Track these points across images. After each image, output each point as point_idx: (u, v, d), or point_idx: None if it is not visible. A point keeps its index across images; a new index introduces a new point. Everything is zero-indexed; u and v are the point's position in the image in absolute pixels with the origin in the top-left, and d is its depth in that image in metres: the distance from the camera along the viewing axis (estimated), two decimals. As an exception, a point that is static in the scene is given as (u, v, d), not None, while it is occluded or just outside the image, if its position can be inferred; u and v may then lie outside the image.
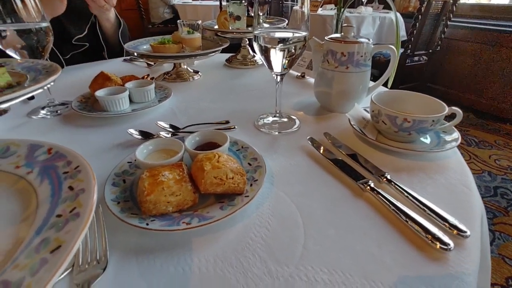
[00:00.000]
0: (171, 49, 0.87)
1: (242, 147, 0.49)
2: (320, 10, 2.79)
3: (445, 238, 0.33)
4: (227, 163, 0.38)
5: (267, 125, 0.62)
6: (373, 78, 0.68)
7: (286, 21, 0.62)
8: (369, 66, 0.64)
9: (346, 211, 0.39)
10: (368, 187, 0.41)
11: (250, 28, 1.01)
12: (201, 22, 0.91)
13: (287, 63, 0.54)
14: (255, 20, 0.53)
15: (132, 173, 0.43)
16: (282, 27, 0.59)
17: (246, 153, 0.47)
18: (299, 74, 0.93)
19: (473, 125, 2.48)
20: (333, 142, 0.54)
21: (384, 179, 0.43)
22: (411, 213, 0.36)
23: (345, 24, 0.64)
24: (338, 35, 0.65)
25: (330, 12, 2.67)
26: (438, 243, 0.32)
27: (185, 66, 0.95)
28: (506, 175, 1.81)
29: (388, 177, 0.43)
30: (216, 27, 1.05)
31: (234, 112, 0.68)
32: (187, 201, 0.36)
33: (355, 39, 0.61)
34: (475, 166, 1.89)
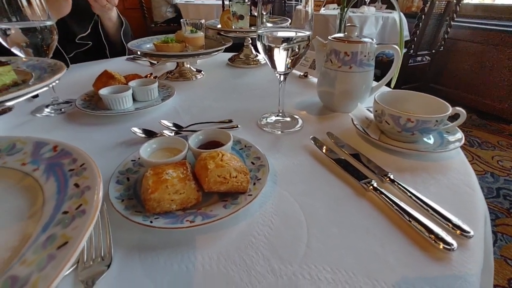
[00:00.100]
0: (174, 48, 0.87)
1: (245, 146, 0.49)
2: (323, 10, 2.78)
3: (448, 238, 0.33)
4: (231, 162, 0.38)
5: (270, 124, 0.62)
6: (375, 78, 0.68)
7: (289, 21, 0.62)
8: (373, 66, 0.64)
9: (349, 210, 0.39)
10: (371, 187, 0.41)
11: (253, 28, 1.01)
12: (204, 21, 0.91)
13: (291, 63, 0.54)
14: (259, 20, 0.53)
15: (136, 171, 0.43)
16: (285, 27, 0.59)
17: (249, 152, 0.47)
18: (302, 74, 0.93)
19: (476, 126, 2.47)
20: (336, 142, 0.54)
21: (387, 179, 0.43)
22: (414, 213, 0.36)
23: (349, 24, 0.64)
24: (342, 35, 0.64)
25: (333, 12, 2.67)
26: (442, 243, 0.32)
27: (188, 65, 0.95)
28: (509, 176, 1.80)
29: (391, 177, 0.43)
30: (219, 26, 1.06)
31: (237, 111, 0.69)
32: (191, 199, 0.36)
33: (359, 39, 0.61)
34: (478, 167, 1.89)
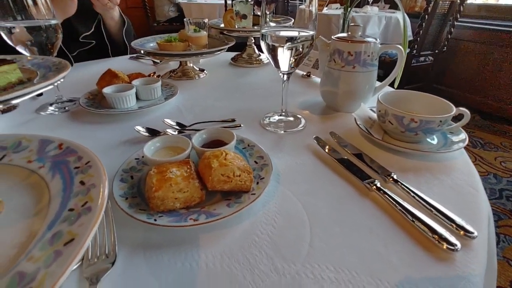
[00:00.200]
0: (178, 47, 0.88)
1: (249, 145, 0.49)
2: (326, 10, 2.77)
3: (452, 239, 0.33)
4: (234, 161, 0.38)
5: (273, 124, 0.62)
6: (378, 78, 0.68)
7: (292, 20, 0.62)
8: (376, 66, 0.64)
9: (352, 210, 0.39)
10: (374, 187, 0.41)
11: (256, 27, 1.01)
12: (208, 21, 0.91)
13: (294, 62, 0.54)
14: (263, 19, 0.53)
15: (140, 170, 0.44)
16: (289, 26, 0.59)
17: (252, 151, 0.48)
18: (305, 74, 0.93)
19: (479, 127, 2.46)
20: (339, 142, 0.54)
21: (390, 179, 0.43)
22: (418, 213, 0.36)
23: (352, 24, 0.64)
24: (345, 34, 0.64)
25: (336, 12, 2.66)
26: (445, 244, 0.32)
27: (191, 64, 0.95)
28: (512, 178, 1.79)
29: (395, 177, 0.43)
30: (222, 26, 1.06)
31: (240, 111, 0.69)
32: (194, 198, 0.36)
33: (362, 39, 0.61)
34: (481, 168, 1.88)
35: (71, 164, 0.30)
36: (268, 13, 0.54)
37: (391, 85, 0.70)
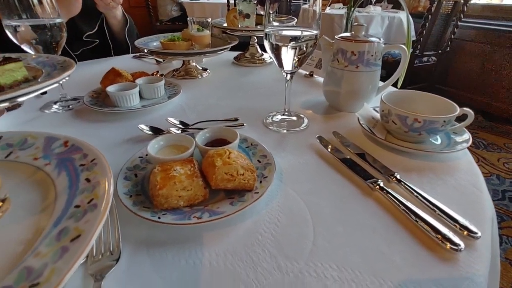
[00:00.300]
0: (181, 46, 0.88)
1: (252, 144, 0.49)
2: (328, 9, 2.77)
3: (456, 239, 0.33)
4: (238, 160, 0.38)
5: (276, 123, 0.62)
6: (381, 78, 0.68)
7: (295, 20, 0.62)
8: (379, 66, 0.64)
9: (355, 209, 0.39)
10: (377, 186, 0.41)
11: (259, 26, 1.01)
12: (211, 20, 0.92)
13: (298, 61, 0.54)
14: (266, 18, 0.53)
15: (143, 168, 0.44)
16: (292, 26, 0.59)
17: (256, 150, 0.48)
18: (308, 73, 0.93)
19: (482, 128, 2.45)
20: (342, 141, 0.54)
21: (394, 179, 0.43)
22: (421, 213, 0.36)
23: (356, 23, 0.64)
24: (349, 34, 0.64)
25: (338, 11, 2.66)
26: (449, 244, 0.32)
27: (194, 63, 0.95)
28: (515, 179, 1.78)
29: (398, 177, 0.43)
30: (225, 25, 1.06)
31: (243, 110, 0.69)
32: (198, 196, 0.37)
33: (366, 38, 0.61)
34: (484, 169, 1.87)
35: (77, 162, 0.30)
36: (272, 13, 0.54)
37: (394, 85, 0.70)
